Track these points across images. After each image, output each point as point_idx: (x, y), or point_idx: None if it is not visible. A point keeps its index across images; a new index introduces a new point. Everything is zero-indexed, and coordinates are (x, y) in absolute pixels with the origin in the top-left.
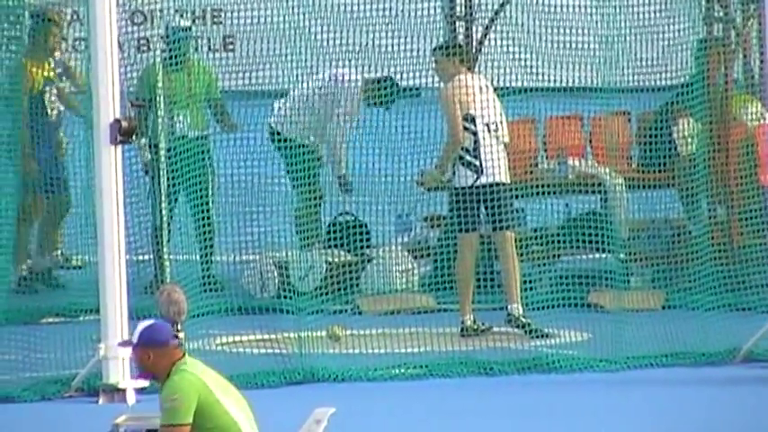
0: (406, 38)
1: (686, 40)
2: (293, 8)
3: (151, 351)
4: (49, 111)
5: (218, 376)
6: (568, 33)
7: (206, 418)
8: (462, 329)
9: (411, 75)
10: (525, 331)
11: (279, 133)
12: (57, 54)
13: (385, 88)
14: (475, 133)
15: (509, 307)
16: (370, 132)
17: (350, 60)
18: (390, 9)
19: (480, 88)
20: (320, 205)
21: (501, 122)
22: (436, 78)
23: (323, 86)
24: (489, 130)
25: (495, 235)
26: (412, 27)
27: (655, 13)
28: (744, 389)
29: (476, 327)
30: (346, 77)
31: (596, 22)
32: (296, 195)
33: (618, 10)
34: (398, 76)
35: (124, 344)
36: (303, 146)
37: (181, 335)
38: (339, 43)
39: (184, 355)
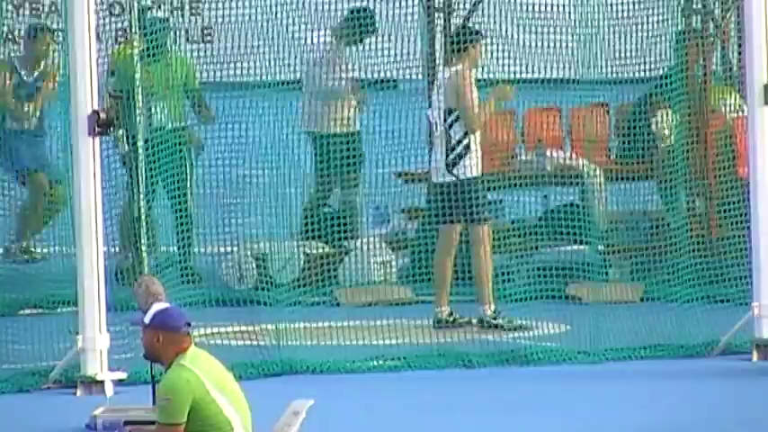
0: (382, 32)
1: (665, 32)
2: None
3: (162, 334)
4: None
5: (218, 370)
6: (547, 25)
7: (200, 416)
8: (436, 321)
9: (387, 69)
10: (500, 329)
11: (315, 132)
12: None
13: (362, 19)
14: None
15: (479, 309)
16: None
17: (327, 52)
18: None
19: (438, 84)
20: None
21: (442, 119)
22: (411, 73)
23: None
24: (431, 128)
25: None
26: (389, 22)
27: (633, 4)
28: (722, 381)
29: (451, 318)
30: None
31: (575, 14)
32: (340, 187)
33: (596, 2)
34: (375, 71)
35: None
36: (347, 134)
37: None
38: (317, 37)
39: (191, 345)
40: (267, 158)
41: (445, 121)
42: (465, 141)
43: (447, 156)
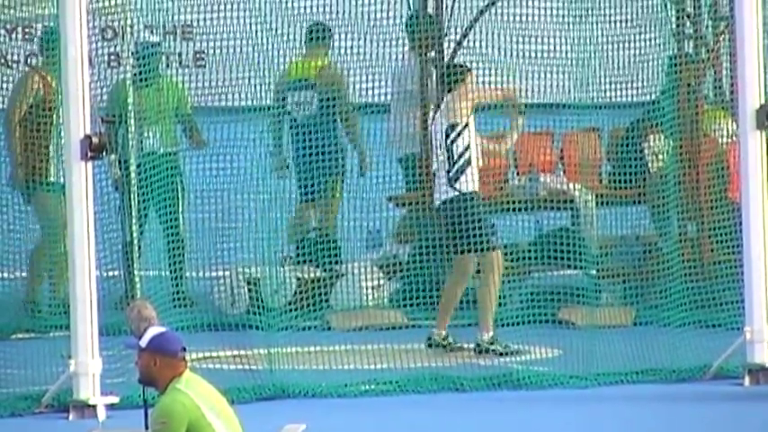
0: (371, 59)
1: (657, 57)
2: (264, 24)
3: (158, 358)
4: None
5: (213, 394)
6: (539, 50)
7: None
8: (432, 343)
9: (379, 93)
10: (494, 354)
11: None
12: None
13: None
14: None
15: (478, 334)
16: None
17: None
18: (355, 33)
19: (440, 106)
20: None
21: (444, 137)
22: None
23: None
24: (434, 152)
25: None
26: (376, 50)
27: (625, 29)
28: (714, 406)
29: (446, 343)
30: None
31: (566, 39)
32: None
33: (589, 27)
34: (366, 95)
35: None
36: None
37: None
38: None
39: (186, 369)
40: (261, 183)
41: (447, 137)
42: (466, 156)
43: (449, 171)
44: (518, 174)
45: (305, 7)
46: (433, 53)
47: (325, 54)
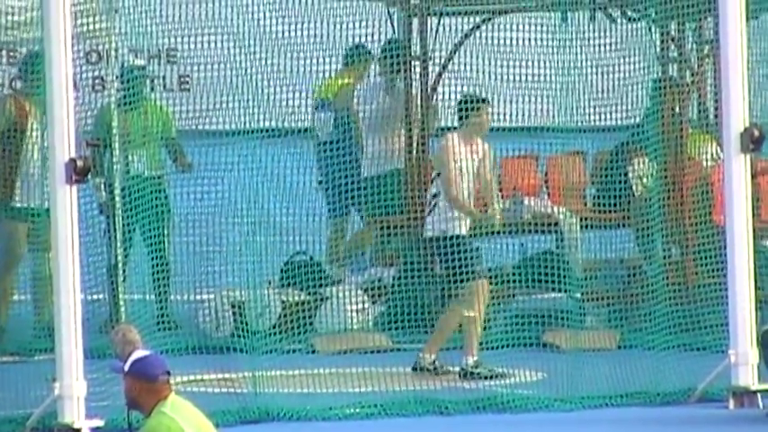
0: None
1: (641, 80)
2: (248, 48)
3: (140, 382)
4: None
5: (198, 417)
6: (524, 74)
7: None
8: (417, 366)
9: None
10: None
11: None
12: None
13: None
14: None
15: (462, 358)
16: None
17: (305, 101)
18: (339, 57)
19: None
20: None
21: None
22: None
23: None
24: None
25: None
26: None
27: (609, 52)
28: (699, 429)
29: (433, 367)
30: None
31: (551, 62)
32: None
33: (573, 51)
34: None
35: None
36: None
37: None
38: (290, 87)
39: (170, 392)
40: (246, 206)
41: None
42: (434, 201)
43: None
44: (503, 197)
45: (287, 32)
46: (417, 76)
47: (354, 76)
